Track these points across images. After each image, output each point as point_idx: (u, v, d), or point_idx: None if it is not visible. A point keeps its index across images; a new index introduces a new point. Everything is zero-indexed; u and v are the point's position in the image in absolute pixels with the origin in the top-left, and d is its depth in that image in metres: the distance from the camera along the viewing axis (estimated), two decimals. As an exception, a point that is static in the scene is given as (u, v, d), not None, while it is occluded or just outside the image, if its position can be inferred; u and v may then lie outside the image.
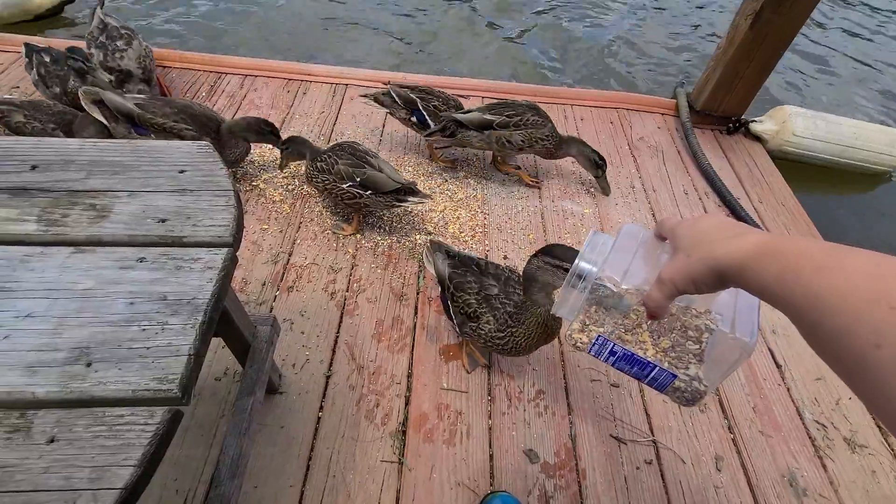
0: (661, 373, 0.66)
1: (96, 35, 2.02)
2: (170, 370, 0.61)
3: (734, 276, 0.47)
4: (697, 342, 0.63)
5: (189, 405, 0.62)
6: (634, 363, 0.67)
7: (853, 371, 0.34)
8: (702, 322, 0.62)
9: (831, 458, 1.45)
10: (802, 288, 0.38)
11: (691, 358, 0.64)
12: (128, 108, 1.71)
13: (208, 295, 0.69)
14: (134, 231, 0.76)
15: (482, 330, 1.32)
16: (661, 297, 0.55)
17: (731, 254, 0.47)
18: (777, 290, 0.41)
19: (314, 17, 3.63)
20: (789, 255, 0.41)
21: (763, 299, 0.45)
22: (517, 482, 1.32)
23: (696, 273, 0.51)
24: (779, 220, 2.23)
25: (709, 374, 0.64)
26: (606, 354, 0.69)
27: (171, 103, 1.79)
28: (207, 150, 0.90)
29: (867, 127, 2.59)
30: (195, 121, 1.77)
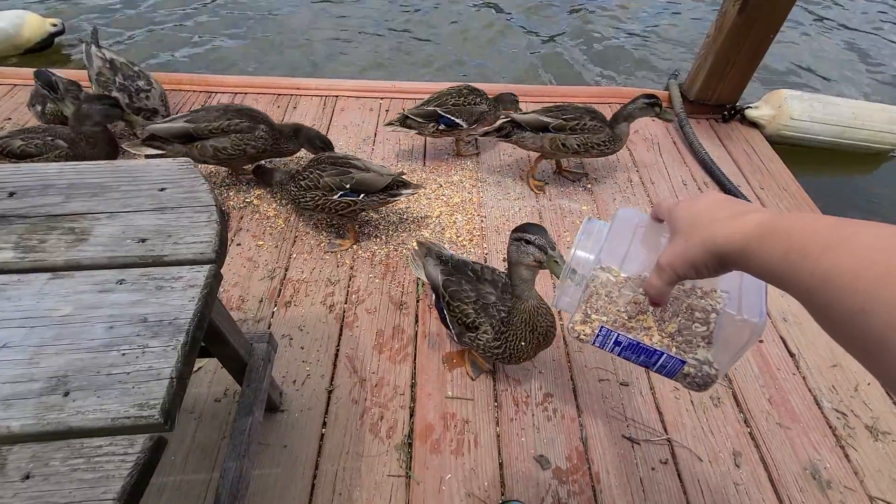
0: (669, 359, 0.63)
1: (109, 76, 2.00)
2: (151, 395, 0.58)
3: (736, 259, 0.45)
4: (705, 323, 0.60)
5: (173, 430, 0.59)
6: (641, 352, 0.64)
7: (872, 352, 0.32)
8: (708, 303, 0.60)
9: (854, 447, 1.40)
10: (810, 268, 0.36)
11: (700, 341, 0.61)
12: (182, 128, 1.81)
13: (190, 314, 0.67)
14: (113, 253, 0.74)
15: (480, 340, 1.27)
16: (661, 284, 0.53)
17: (731, 235, 0.45)
18: (784, 271, 0.39)
19: (319, 26, 3.64)
20: (794, 234, 0.39)
21: (768, 282, 0.43)
22: (529, 490, 1.28)
23: (695, 257, 0.48)
24: (782, 206, 2.19)
25: (719, 357, 0.61)
26: (611, 345, 0.66)
27: (212, 108, 1.89)
28: (188, 165, 0.88)
29: (865, 106, 2.56)
30: (241, 114, 1.86)
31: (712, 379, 0.62)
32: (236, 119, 1.83)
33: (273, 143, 1.90)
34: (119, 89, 1.99)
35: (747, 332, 0.56)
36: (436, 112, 2.06)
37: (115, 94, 1.98)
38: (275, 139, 1.90)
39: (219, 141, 1.83)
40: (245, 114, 1.87)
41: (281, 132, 1.91)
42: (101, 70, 2.01)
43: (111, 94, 1.98)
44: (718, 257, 0.47)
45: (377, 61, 3.41)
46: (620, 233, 0.64)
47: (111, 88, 1.99)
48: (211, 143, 1.83)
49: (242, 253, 1.81)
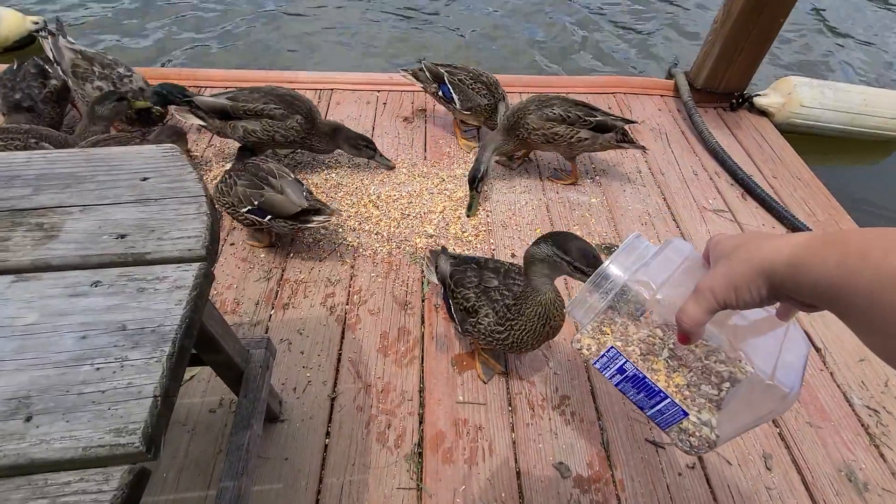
0: (670, 406, 0.55)
1: (86, 66, 1.91)
2: (130, 418, 0.49)
3: (783, 276, 0.41)
4: (717, 389, 0.53)
5: (157, 459, 0.50)
6: (643, 388, 0.57)
7: None
8: (727, 370, 0.52)
9: (889, 446, 1.33)
10: (872, 271, 0.34)
11: (706, 403, 0.54)
12: (221, 103, 1.82)
13: (177, 320, 0.57)
14: (87, 251, 0.64)
15: (481, 324, 1.22)
16: (699, 311, 0.46)
17: (780, 249, 0.41)
18: (840, 279, 0.36)
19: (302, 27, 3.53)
20: (851, 241, 0.37)
21: (821, 300, 0.39)
22: (549, 501, 1.19)
23: (738, 277, 0.43)
24: (796, 195, 2.12)
25: (724, 424, 0.54)
26: (614, 371, 0.58)
27: (258, 90, 1.87)
28: (174, 153, 0.78)
29: (876, 93, 2.49)
30: (282, 101, 1.84)
31: (709, 444, 0.54)
32: (272, 105, 1.82)
33: (304, 136, 1.86)
34: (101, 78, 1.90)
35: (773, 401, 0.48)
36: (443, 76, 2.05)
37: (98, 84, 1.89)
38: (307, 132, 1.85)
39: (250, 123, 1.82)
40: (286, 101, 1.84)
41: (318, 128, 1.88)
42: (75, 62, 1.91)
43: (93, 84, 1.89)
44: (765, 274, 0.42)
45: (373, 52, 3.31)
46: (667, 259, 0.56)
47: (92, 79, 1.89)
48: (242, 124, 1.82)
49: (236, 253, 1.71)
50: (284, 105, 1.83)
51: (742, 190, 2.11)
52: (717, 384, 0.53)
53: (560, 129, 1.84)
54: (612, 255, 0.58)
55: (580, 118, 1.84)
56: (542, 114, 1.83)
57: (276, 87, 1.89)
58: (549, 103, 1.86)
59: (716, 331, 0.51)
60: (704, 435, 0.55)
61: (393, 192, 1.98)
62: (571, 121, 1.84)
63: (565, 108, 1.85)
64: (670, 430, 0.58)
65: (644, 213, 1.97)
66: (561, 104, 1.86)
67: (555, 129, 1.84)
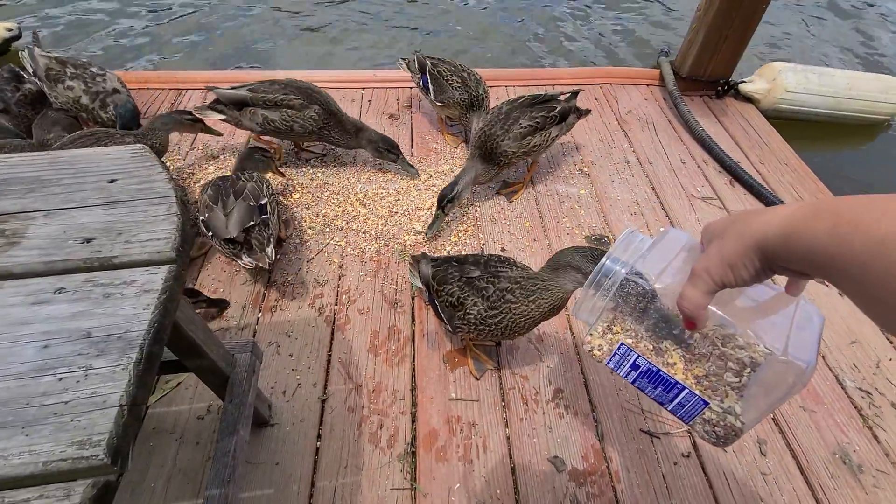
0: (690, 397, 0.54)
1: (59, 68, 1.90)
2: (94, 429, 0.47)
3: (775, 246, 0.41)
4: (738, 375, 0.52)
5: (126, 469, 0.48)
6: (659, 382, 0.56)
7: None
8: (746, 355, 0.51)
9: (882, 427, 1.33)
10: (864, 236, 0.34)
11: (728, 390, 0.53)
12: (241, 95, 1.83)
13: (145, 325, 0.55)
14: (51, 257, 0.62)
15: (470, 315, 1.21)
16: (697, 294, 0.46)
17: (770, 221, 0.42)
18: (831, 247, 0.36)
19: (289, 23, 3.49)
20: (841, 209, 0.37)
21: (815, 267, 0.39)
22: (545, 495, 1.18)
23: (731, 254, 0.43)
24: (784, 181, 2.12)
25: (748, 410, 0.52)
26: (627, 368, 0.57)
27: (277, 81, 1.88)
28: (143, 153, 0.75)
29: (860, 76, 2.50)
30: (301, 92, 1.84)
31: (735, 432, 0.53)
32: (292, 95, 1.82)
33: (322, 127, 1.85)
34: (72, 77, 1.88)
35: (791, 377, 0.47)
36: (425, 66, 2.07)
37: (70, 84, 1.86)
38: (325, 123, 1.85)
39: (270, 112, 1.83)
40: (304, 92, 1.84)
41: (339, 121, 1.87)
42: (48, 66, 1.89)
43: (65, 84, 1.87)
44: (757, 247, 0.42)
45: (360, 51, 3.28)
46: (664, 249, 0.55)
47: (64, 79, 1.87)
48: (262, 112, 1.83)
49: (220, 256, 1.68)
50: (304, 96, 1.83)
51: (730, 177, 2.10)
52: (738, 371, 0.52)
53: (536, 139, 1.78)
54: (609, 251, 0.57)
55: (546, 118, 1.77)
56: (513, 134, 1.73)
57: (294, 80, 1.89)
58: (511, 118, 1.75)
59: (727, 316, 0.50)
60: (729, 423, 0.54)
61: (380, 189, 1.96)
62: (541, 125, 1.77)
63: (527, 115, 1.76)
64: (694, 424, 0.57)
65: (633, 203, 1.97)
66: (521, 113, 1.77)
67: (532, 142, 1.77)
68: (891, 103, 2.50)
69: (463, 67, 2.07)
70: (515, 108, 1.79)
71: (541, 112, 1.78)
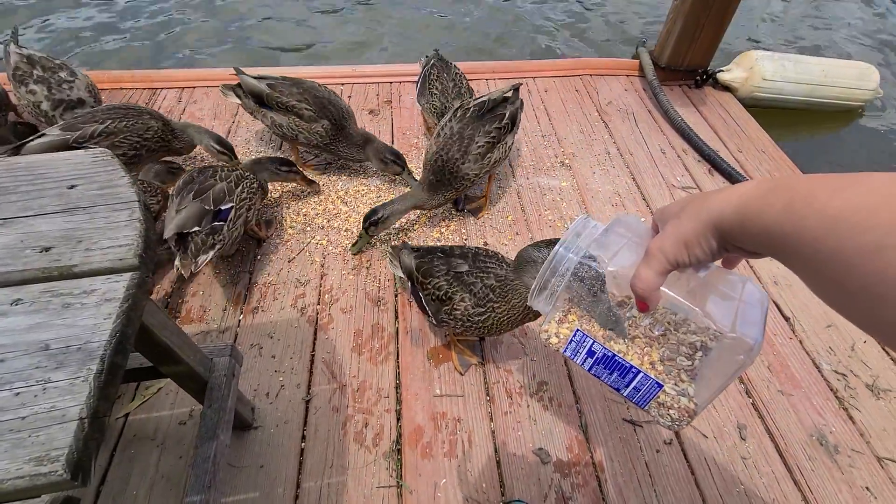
0: (645, 380, 0.55)
1: (26, 69, 1.82)
2: (52, 444, 0.46)
3: (731, 225, 0.40)
4: (690, 359, 0.53)
5: (88, 484, 0.47)
6: (615, 367, 0.56)
7: (888, 298, 0.29)
8: (698, 339, 0.52)
9: (857, 408, 1.36)
10: (817, 213, 0.33)
11: (681, 374, 0.53)
12: (259, 88, 1.80)
13: (106, 335, 0.54)
14: (7, 267, 0.60)
15: (457, 310, 1.20)
16: (651, 274, 0.45)
17: (727, 200, 0.41)
18: (787, 223, 0.35)
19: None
20: (797, 186, 0.36)
21: (768, 246, 0.38)
22: (531, 487, 1.19)
23: (687, 233, 0.43)
24: (761, 168, 2.14)
25: (700, 391, 0.54)
26: (584, 355, 0.58)
27: (299, 84, 1.84)
28: (104, 157, 0.73)
29: (835, 63, 2.54)
30: (317, 103, 1.81)
31: (689, 413, 0.54)
32: (304, 105, 1.79)
33: (328, 143, 1.83)
34: (37, 81, 1.80)
35: (740, 354, 0.48)
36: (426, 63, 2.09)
37: (32, 87, 1.79)
38: (332, 139, 1.82)
39: (279, 116, 1.82)
40: (320, 103, 1.80)
41: (347, 135, 1.84)
42: (17, 65, 1.81)
43: (27, 87, 1.79)
44: (714, 226, 0.41)
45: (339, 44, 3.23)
46: (616, 234, 0.55)
47: (28, 82, 1.80)
48: (272, 115, 1.83)
49: (200, 259, 1.65)
50: (317, 107, 1.79)
51: (709, 166, 2.13)
52: (690, 354, 0.53)
53: (495, 154, 1.67)
54: (561, 238, 0.56)
55: (499, 129, 1.66)
56: (472, 156, 1.62)
57: (317, 87, 1.85)
58: (465, 137, 1.62)
59: (679, 297, 0.50)
60: (683, 405, 0.54)
61: (361, 186, 1.94)
62: (497, 138, 1.66)
63: (481, 131, 1.63)
64: (649, 408, 0.57)
65: (614, 195, 1.98)
66: (473, 130, 1.63)
67: (492, 158, 1.67)
68: (864, 90, 2.54)
69: (457, 76, 2.02)
70: (466, 124, 1.64)
71: (493, 125, 1.65)
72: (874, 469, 1.24)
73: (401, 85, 2.47)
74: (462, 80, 2.03)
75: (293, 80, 1.85)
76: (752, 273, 1.70)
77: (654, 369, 0.53)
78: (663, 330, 0.53)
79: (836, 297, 0.35)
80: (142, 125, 1.64)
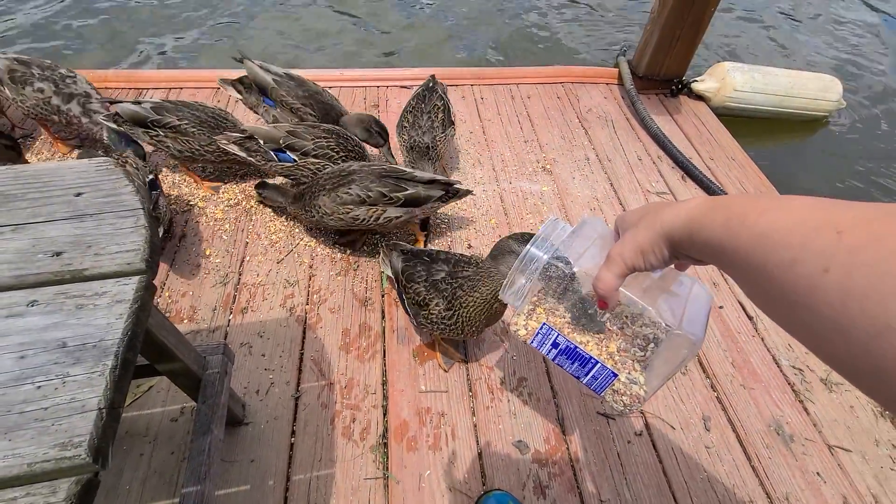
0: (601, 370, 0.62)
1: (23, 70, 1.82)
2: (74, 431, 0.51)
3: (680, 237, 0.46)
4: (643, 350, 0.60)
5: (106, 469, 0.52)
6: (576, 358, 0.63)
7: (799, 305, 0.33)
8: (651, 332, 0.59)
9: (811, 400, 1.47)
10: (748, 231, 0.38)
11: (635, 364, 0.61)
12: (266, 80, 1.82)
13: (119, 333, 0.59)
14: (22, 271, 0.64)
15: (432, 314, 1.26)
16: (611, 276, 0.51)
17: (677, 214, 0.46)
18: (725, 239, 0.41)
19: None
20: (734, 205, 0.41)
21: (711, 256, 0.44)
22: (510, 477, 1.26)
23: (643, 241, 0.49)
24: (731, 175, 2.26)
25: (650, 380, 0.61)
26: (549, 346, 0.65)
27: (304, 85, 1.86)
28: (108, 165, 0.78)
29: (801, 75, 2.67)
30: (321, 108, 1.82)
31: (639, 399, 0.62)
32: (308, 110, 1.82)
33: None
34: (42, 80, 1.80)
35: (685, 349, 0.55)
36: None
37: (39, 86, 1.79)
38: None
39: (282, 115, 1.83)
40: (323, 109, 1.82)
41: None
42: (10, 67, 1.80)
43: (34, 86, 1.79)
44: (666, 237, 0.47)
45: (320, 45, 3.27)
46: (583, 236, 0.62)
47: (32, 81, 1.79)
48: (275, 113, 1.84)
49: (190, 259, 1.69)
50: (321, 113, 1.81)
51: (682, 172, 2.23)
52: (643, 346, 0.60)
53: (359, 211, 1.53)
54: (533, 238, 0.63)
55: (383, 196, 1.52)
56: (335, 196, 1.53)
57: (320, 91, 1.88)
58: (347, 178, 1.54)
59: (634, 296, 0.57)
60: (634, 392, 0.61)
61: (348, 189, 1.99)
62: (373, 200, 1.52)
63: (364, 185, 1.52)
64: (605, 394, 0.64)
65: (593, 199, 2.06)
66: (360, 180, 1.53)
67: (353, 212, 1.54)
68: (828, 101, 2.69)
69: (434, 109, 1.88)
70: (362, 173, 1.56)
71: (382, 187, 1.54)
72: (825, 456, 1.35)
73: (388, 89, 2.52)
74: (437, 114, 1.88)
75: (298, 81, 1.86)
76: (720, 276, 1.81)
77: (611, 359, 0.61)
78: (620, 324, 0.60)
79: (762, 302, 0.40)
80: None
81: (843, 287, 0.30)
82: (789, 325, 0.37)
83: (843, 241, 0.31)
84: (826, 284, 0.31)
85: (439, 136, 1.86)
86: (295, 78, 1.87)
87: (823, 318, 0.31)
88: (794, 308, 0.34)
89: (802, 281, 0.33)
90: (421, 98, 1.94)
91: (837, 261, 0.30)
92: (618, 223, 0.58)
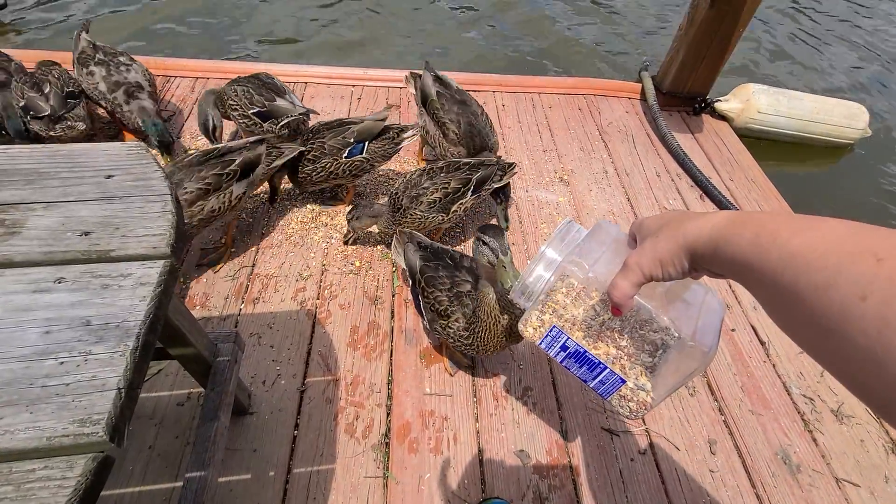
0: (610, 375, 0.61)
1: (91, 54, 1.93)
2: (94, 409, 0.51)
3: (704, 250, 0.45)
4: (652, 355, 0.59)
5: (122, 447, 0.53)
6: (584, 362, 0.63)
7: (831, 331, 0.32)
8: (660, 338, 0.58)
9: (821, 430, 1.44)
10: (779, 249, 0.37)
11: (643, 369, 0.60)
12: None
13: (141, 315, 0.59)
14: (51, 248, 0.65)
15: (451, 328, 1.25)
16: (627, 285, 0.51)
17: (701, 227, 0.45)
18: (752, 255, 0.39)
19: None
20: (765, 222, 0.40)
21: (735, 273, 0.43)
22: (510, 486, 1.26)
23: (664, 252, 0.48)
24: (750, 197, 2.24)
25: (658, 387, 0.60)
26: (558, 349, 0.64)
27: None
28: (139, 150, 0.79)
29: (826, 101, 2.64)
30: (467, 131, 1.83)
31: (646, 406, 0.61)
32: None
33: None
34: (97, 63, 1.91)
35: (696, 360, 0.54)
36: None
37: (91, 69, 1.89)
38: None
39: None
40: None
41: None
42: (83, 49, 1.94)
43: (88, 69, 1.89)
44: (687, 249, 0.46)
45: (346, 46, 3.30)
46: (597, 240, 0.61)
47: (89, 63, 1.90)
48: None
49: (206, 246, 1.70)
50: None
51: (701, 191, 2.21)
52: (652, 352, 0.59)
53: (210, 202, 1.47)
54: (548, 240, 0.63)
55: (220, 175, 1.46)
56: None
57: (478, 115, 1.88)
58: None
59: (648, 304, 0.57)
60: (641, 399, 0.61)
61: (367, 186, 2.00)
62: (216, 185, 1.47)
63: (196, 177, 1.43)
64: (611, 399, 0.64)
65: (608, 213, 2.05)
66: (187, 174, 1.43)
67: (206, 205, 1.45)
68: (854, 129, 2.65)
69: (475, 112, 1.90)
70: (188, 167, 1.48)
71: (214, 170, 1.47)
72: (832, 489, 1.32)
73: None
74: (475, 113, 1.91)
75: (460, 99, 1.88)
76: (734, 298, 1.79)
77: (619, 363, 0.60)
78: (630, 330, 0.60)
79: (786, 324, 0.39)
80: None
81: (881, 316, 0.29)
82: (815, 349, 0.36)
83: (883, 268, 0.30)
84: (862, 312, 0.30)
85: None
86: (459, 95, 1.89)
87: (857, 346, 0.30)
88: (824, 333, 0.33)
89: (836, 306, 0.32)
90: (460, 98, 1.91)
91: (876, 288, 0.30)
92: (634, 229, 0.57)
